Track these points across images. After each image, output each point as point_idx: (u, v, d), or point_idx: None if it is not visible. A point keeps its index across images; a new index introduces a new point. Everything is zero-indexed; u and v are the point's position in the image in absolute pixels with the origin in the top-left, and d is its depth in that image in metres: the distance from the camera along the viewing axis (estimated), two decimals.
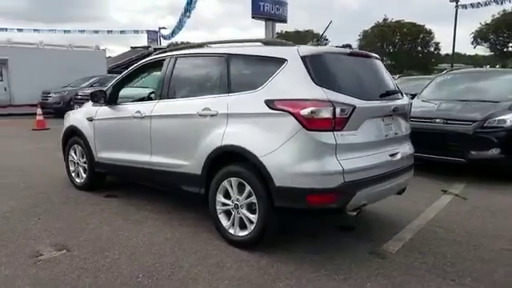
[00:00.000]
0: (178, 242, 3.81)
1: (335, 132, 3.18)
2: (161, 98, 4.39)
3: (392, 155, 3.64)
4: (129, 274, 3.23)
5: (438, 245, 3.79)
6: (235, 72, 3.78)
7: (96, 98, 5.10)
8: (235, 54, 3.82)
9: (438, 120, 6.36)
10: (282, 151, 3.26)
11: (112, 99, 5.06)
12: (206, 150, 3.71)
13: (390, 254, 3.58)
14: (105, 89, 5.23)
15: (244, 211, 3.56)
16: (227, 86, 3.76)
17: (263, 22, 18.11)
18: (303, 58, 3.38)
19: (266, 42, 3.93)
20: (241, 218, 3.60)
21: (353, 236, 4.00)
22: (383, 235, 3.99)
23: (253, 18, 17.62)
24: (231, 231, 3.67)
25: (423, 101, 7.43)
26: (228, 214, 3.71)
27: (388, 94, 3.81)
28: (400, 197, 4.25)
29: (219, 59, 3.92)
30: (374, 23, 52.77)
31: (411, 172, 4.02)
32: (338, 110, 3.17)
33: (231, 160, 3.60)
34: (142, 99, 5.29)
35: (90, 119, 5.24)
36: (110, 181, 5.76)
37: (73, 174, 5.74)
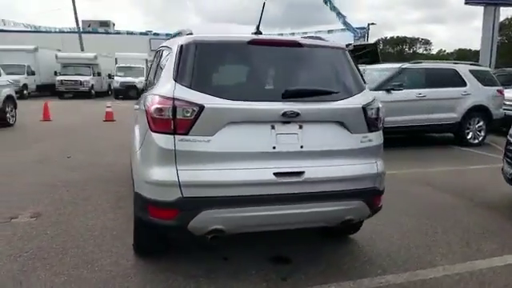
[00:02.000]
0: None
1: (176, 136, 2.65)
2: None
3: (280, 174, 2.75)
4: None
5: None
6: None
7: None
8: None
9: None
10: (139, 152, 2.99)
11: None
12: None
13: None
14: None
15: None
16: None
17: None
18: (180, 48, 2.89)
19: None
20: None
21: (280, 270, 3.19)
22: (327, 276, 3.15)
23: (466, 3, 16.24)
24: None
25: None
26: None
27: (294, 95, 2.82)
28: None
29: None
30: None
31: (357, 202, 2.95)
32: (178, 110, 2.64)
33: None
34: None
35: None
36: None
37: None
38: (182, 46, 2.88)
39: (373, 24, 35.52)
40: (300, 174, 2.79)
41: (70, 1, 32.80)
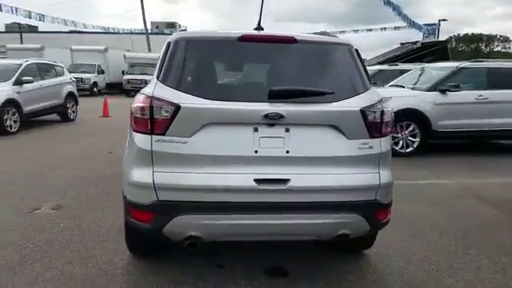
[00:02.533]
0: None
1: (153, 136, 2.53)
2: None
3: (261, 181, 2.51)
4: None
5: None
6: None
7: None
8: None
9: None
10: (126, 153, 2.86)
11: None
12: None
13: None
14: None
15: None
16: None
17: None
18: (165, 46, 2.78)
19: None
20: None
21: (273, 284, 2.95)
22: None
23: None
24: None
25: None
26: None
27: (281, 95, 2.56)
28: None
29: None
30: None
31: (352, 215, 2.63)
32: (156, 109, 2.52)
33: None
34: None
35: None
36: None
37: None
38: (167, 43, 2.78)
39: (444, 20, 33.07)
40: (284, 181, 2.53)
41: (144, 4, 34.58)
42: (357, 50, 2.92)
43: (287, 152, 2.55)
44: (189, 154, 2.51)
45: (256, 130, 2.54)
